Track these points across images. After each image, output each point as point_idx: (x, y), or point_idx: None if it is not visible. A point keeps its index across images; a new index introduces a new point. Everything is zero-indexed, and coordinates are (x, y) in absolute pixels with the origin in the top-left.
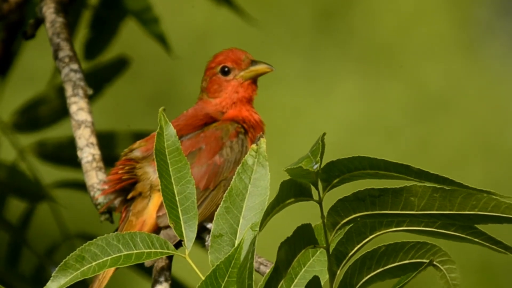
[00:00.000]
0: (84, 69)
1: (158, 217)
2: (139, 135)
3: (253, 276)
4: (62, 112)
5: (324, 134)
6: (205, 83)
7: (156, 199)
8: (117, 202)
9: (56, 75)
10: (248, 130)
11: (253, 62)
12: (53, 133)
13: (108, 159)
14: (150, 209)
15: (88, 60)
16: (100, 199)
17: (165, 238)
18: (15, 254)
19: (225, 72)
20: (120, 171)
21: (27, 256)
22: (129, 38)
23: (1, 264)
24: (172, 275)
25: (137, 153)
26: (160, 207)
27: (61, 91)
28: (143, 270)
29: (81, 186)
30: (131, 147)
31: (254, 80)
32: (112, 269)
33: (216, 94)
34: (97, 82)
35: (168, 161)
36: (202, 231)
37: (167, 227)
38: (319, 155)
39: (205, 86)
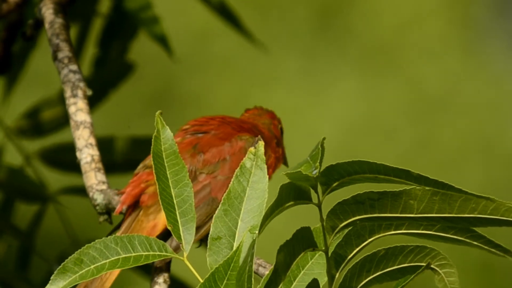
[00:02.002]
0: (88, 74)
1: None
2: (139, 139)
3: (252, 279)
4: (67, 116)
5: (324, 138)
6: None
7: None
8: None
9: None
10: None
11: None
12: (59, 137)
13: (108, 162)
14: (163, 212)
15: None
16: (100, 201)
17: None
18: (24, 260)
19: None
20: (142, 184)
21: (36, 263)
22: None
23: (10, 270)
24: (171, 277)
25: None
26: None
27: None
28: (142, 270)
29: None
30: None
31: None
32: (115, 273)
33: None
34: (102, 87)
35: (166, 164)
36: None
37: None
38: (318, 160)
39: (273, 135)
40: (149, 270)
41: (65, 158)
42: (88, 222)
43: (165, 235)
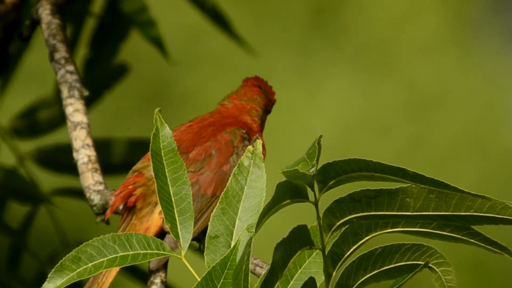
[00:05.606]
0: (83, 75)
1: (163, 219)
2: (135, 140)
3: (249, 278)
4: (62, 117)
5: (320, 136)
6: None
7: None
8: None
9: None
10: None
11: None
12: (53, 138)
13: (106, 163)
14: (156, 215)
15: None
16: (97, 201)
17: (170, 242)
18: (15, 258)
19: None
20: (130, 186)
21: (27, 261)
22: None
23: (1, 268)
24: (167, 277)
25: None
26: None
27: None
28: (138, 272)
29: (80, 193)
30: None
31: None
32: (113, 275)
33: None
34: (97, 88)
35: (164, 162)
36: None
37: None
38: (315, 159)
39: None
40: (143, 276)
41: (59, 159)
42: (80, 223)
43: (158, 237)
